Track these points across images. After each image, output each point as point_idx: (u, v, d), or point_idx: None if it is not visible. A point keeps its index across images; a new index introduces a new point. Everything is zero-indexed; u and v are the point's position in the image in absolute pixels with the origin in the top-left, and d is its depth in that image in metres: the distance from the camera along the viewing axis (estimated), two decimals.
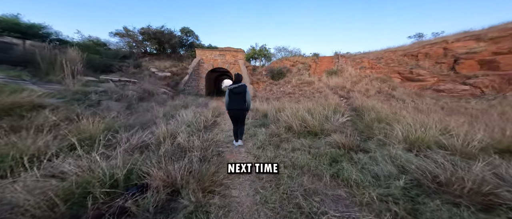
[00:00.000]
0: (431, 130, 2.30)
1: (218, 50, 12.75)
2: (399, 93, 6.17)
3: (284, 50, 18.63)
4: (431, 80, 6.69)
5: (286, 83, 10.33)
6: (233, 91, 2.77)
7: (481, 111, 3.63)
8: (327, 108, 4.56)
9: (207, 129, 4.19)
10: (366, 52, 12.85)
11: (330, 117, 3.84)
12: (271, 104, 6.06)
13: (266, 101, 7.57)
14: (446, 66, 6.92)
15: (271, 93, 9.18)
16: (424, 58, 7.77)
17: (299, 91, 8.50)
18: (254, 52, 17.76)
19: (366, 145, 2.44)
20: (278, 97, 8.12)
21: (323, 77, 10.38)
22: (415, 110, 4.18)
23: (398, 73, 8.07)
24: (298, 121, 3.53)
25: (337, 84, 8.26)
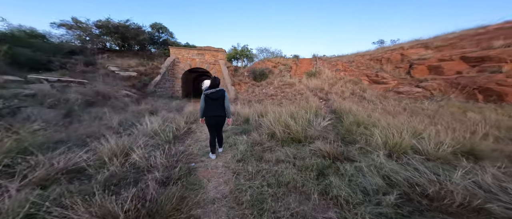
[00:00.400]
0: (403, 133, 2.36)
1: (196, 49, 11.82)
2: (369, 95, 6.72)
3: (266, 51, 18.75)
4: (393, 82, 7.58)
5: (269, 85, 10.23)
6: (210, 96, 2.46)
7: (435, 112, 4.17)
8: (309, 111, 4.51)
9: (179, 139, 3.56)
10: (340, 56, 13.93)
11: (312, 121, 3.76)
12: (253, 108, 5.74)
13: (248, 104, 7.23)
14: (403, 70, 7.98)
15: (253, 95, 8.90)
16: (386, 63, 8.82)
17: (281, 93, 8.46)
18: (236, 52, 17.29)
19: (350, 153, 2.35)
20: (261, 99, 7.88)
21: (303, 79, 10.69)
22: (384, 112, 4.51)
23: (366, 76, 8.91)
24: (281, 127, 3.31)
25: (316, 86, 8.56)
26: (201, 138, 3.78)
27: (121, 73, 7.97)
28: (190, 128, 4.35)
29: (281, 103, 6.94)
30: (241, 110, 5.40)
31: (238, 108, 5.92)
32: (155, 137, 3.25)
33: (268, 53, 18.44)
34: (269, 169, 2.20)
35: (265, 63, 13.89)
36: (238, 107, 6.03)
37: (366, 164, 1.88)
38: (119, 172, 2.08)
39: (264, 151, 2.88)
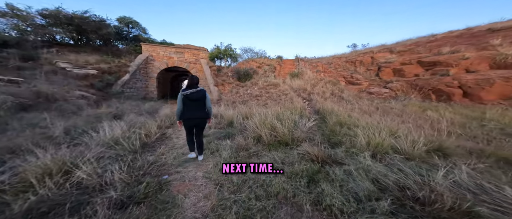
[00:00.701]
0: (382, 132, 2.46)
1: (174, 47, 10.87)
2: (346, 95, 7.20)
3: (250, 51, 18.63)
4: (365, 84, 8.35)
5: (253, 85, 10.06)
6: (190, 97, 2.23)
7: (401, 111, 4.67)
8: (294, 112, 4.48)
9: (148, 148, 3.02)
10: (320, 57, 14.79)
11: (297, 122, 3.70)
12: (238, 109, 5.45)
13: (232, 105, 6.89)
14: (373, 72, 8.90)
15: (238, 96, 8.59)
16: (359, 65, 9.72)
17: (266, 93, 8.38)
18: (219, 51, 16.65)
19: (337, 155, 2.33)
20: (245, 100, 7.63)
21: (287, 79, 10.90)
22: (361, 111, 4.82)
23: (343, 77, 9.62)
24: (268, 130, 3.13)
25: (300, 87, 8.79)
26: (178, 145, 3.31)
27: (75, 70, 6.63)
28: (165, 133, 3.79)
29: (266, 104, 6.83)
30: (225, 112, 5.05)
31: (222, 109, 5.54)
32: (116, 147, 2.66)
33: (252, 53, 18.37)
34: (256, 178, 1.96)
35: (249, 63, 13.73)
36: (222, 109, 5.65)
37: (354, 167, 1.85)
38: (54, 196, 1.55)
39: (250, 156, 2.64)
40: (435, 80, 6.08)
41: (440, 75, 6.26)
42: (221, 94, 9.72)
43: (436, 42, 8.08)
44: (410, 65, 7.55)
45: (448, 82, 5.77)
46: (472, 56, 5.76)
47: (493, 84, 4.89)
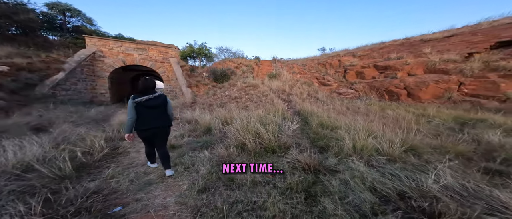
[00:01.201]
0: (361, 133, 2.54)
1: (134, 43, 9.20)
2: (321, 96, 7.72)
3: (227, 51, 17.96)
4: (335, 85, 9.28)
5: (232, 86, 9.56)
6: (146, 104, 1.87)
7: (367, 110, 5.27)
8: (276, 114, 4.32)
9: (91, 170, 2.18)
10: (295, 59, 15.68)
11: (281, 125, 3.54)
12: (215, 113, 4.89)
13: (209, 109, 6.22)
14: (340, 74, 10.03)
15: (215, 98, 7.91)
16: (330, 67, 10.79)
17: (245, 95, 8.05)
18: (192, 50, 15.25)
19: (328, 160, 2.22)
20: (223, 103, 7.07)
21: (265, 80, 10.93)
22: (335, 111, 5.16)
23: (316, 79, 10.41)
24: (252, 137, 2.79)
25: (278, 88, 8.90)
26: (138, 161, 2.56)
27: None
28: (117, 148, 2.88)
29: (247, 106, 6.50)
30: (201, 117, 4.41)
31: (197, 114, 4.85)
32: (27, 175, 1.76)
33: (229, 53, 17.77)
34: (245, 198, 1.59)
35: (226, 63, 13.13)
36: (197, 113, 4.95)
37: (350, 175, 1.75)
38: None
39: None
40: (387, 82, 7.32)
41: (391, 77, 7.59)
42: (196, 96, 8.78)
43: (386, 48, 9.88)
44: (369, 68, 8.89)
45: (396, 84, 7.04)
46: (411, 62, 7.29)
47: (427, 85, 6.24)
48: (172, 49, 10.11)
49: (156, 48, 9.52)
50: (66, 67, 6.64)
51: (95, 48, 7.84)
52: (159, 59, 9.59)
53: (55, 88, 6.12)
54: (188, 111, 5.63)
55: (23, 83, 5.19)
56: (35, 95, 5.14)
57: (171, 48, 10.13)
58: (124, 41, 8.65)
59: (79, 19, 9.21)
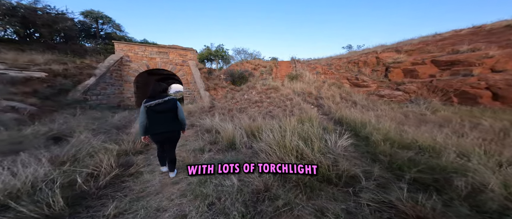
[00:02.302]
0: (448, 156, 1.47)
1: (156, 47, 9.35)
2: (359, 99, 6.42)
3: (243, 52, 17.60)
4: (373, 86, 7.78)
5: (250, 89, 8.92)
6: (156, 109, 1.83)
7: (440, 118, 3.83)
8: (312, 124, 3.41)
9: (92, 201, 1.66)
10: (317, 58, 14.32)
11: (323, 138, 2.62)
12: (237, 120, 4.22)
13: (229, 114, 5.63)
14: (380, 73, 8.44)
15: (234, 102, 7.34)
16: (364, 66, 9.24)
17: (267, 98, 7.27)
18: (209, 52, 15.27)
19: (436, 207, 1.23)
20: (243, 108, 6.41)
21: (285, 82, 10.05)
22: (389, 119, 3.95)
23: (346, 79, 9.01)
24: (293, 157, 1.97)
25: (303, 90, 7.88)
26: (150, 188, 2.00)
27: (11, 73, 4.81)
28: (130, 165, 2.38)
29: (270, 112, 5.71)
30: (221, 125, 3.77)
31: (216, 122, 4.25)
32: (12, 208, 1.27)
33: (246, 54, 17.37)
34: None
35: (244, 65, 12.65)
36: (216, 121, 4.35)
37: None
38: None
39: (279, 212, 1.45)
40: (457, 81, 5.57)
41: (462, 75, 5.80)
42: (214, 100, 8.38)
43: (447, 40, 7.88)
44: (423, 65, 7.15)
45: (473, 83, 5.27)
46: (496, 54, 5.41)
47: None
48: (191, 52, 10.06)
49: (176, 51, 9.56)
50: (96, 72, 6.93)
51: (123, 53, 8.15)
52: (179, 62, 9.60)
53: (87, 93, 6.37)
54: (207, 118, 5.10)
55: (58, 89, 5.43)
56: (67, 100, 5.32)
57: (190, 51, 10.09)
58: (148, 45, 8.87)
59: (110, 26, 9.91)
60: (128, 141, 3.07)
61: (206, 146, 3.19)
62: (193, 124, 5.01)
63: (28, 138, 2.59)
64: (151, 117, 1.85)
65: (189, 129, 4.70)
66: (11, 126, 3.04)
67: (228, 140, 3.14)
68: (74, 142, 2.73)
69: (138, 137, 3.27)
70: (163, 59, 9.17)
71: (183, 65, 9.74)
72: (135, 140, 3.16)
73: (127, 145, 2.92)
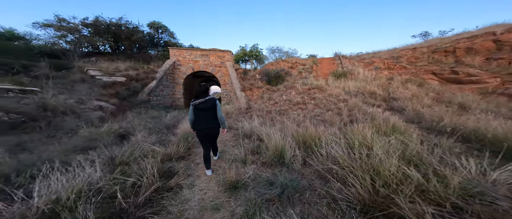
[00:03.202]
0: None
1: (199, 50, 10.11)
2: (468, 101, 4.11)
3: (278, 51, 16.71)
4: (492, 81, 4.92)
5: (289, 89, 8.00)
6: (199, 107, 2.06)
7: None
8: (407, 137, 2.16)
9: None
10: (372, 52, 11.39)
11: (447, 163, 1.43)
12: (280, 125, 3.50)
13: (268, 117, 5.01)
14: (505, 62, 5.28)
15: (272, 104, 6.68)
16: (466, 54, 6.16)
17: (310, 99, 6.15)
18: (244, 53, 15.43)
19: None
20: (284, 110, 5.62)
21: (329, 81, 8.40)
22: None
23: (432, 74, 6.29)
24: (400, 193, 1.06)
25: (359, 89, 6.13)
26: (188, 212, 1.61)
27: (104, 78, 6.31)
28: (172, 174, 2.19)
29: (318, 116, 4.61)
30: (264, 130, 3.17)
31: (256, 125, 3.71)
32: None
33: (281, 53, 16.40)
34: None
35: (279, 64, 11.79)
36: (256, 124, 3.81)
37: None
38: None
39: None
40: None
41: None
42: (249, 100, 8.08)
43: None
44: None
45: None
46: None
47: None
48: (228, 54, 10.28)
49: (215, 53, 10.01)
50: (157, 76, 8.20)
51: (175, 58, 9.32)
52: (218, 64, 10.00)
53: (150, 94, 7.63)
54: (245, 120, 4.68)
55: (132, 91, 6.72)
56: (136, 101, 6.47)
57: (227, 52, 10.33)
58: (193, 49, 9.76)
59: (166, 35, 11.75)
60: (173, 143, 3.03)
61: (247, 156, 2.67)
62: (231, 127, 4.76)
63: (102, 136, 2.99)
64: (196, 115, 2.08)
65: (227, 132, 4.50)
66: (95, 123, 3.71)
67: (275, 152, 2.48)
68: (132, 141, 2.93)
69: (182, 140, 3.26)
70: (205, 62, 9.82)
71: (221, 67, 10.09)
72: (179, 142, 3.11)
73: (172, 149, 2.85)
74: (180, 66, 9.47)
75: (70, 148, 2.43)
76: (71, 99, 4.15)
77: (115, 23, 8.77)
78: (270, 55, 16.89)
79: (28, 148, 2.24)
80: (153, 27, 11.20)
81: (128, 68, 7.42)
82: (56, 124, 3.10)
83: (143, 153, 2.55)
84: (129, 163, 2.26)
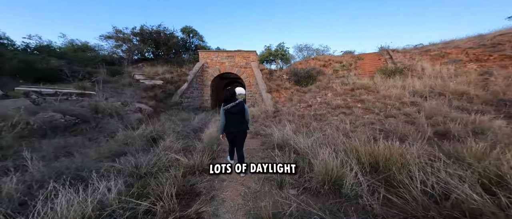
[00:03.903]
0: None
1: (225, 52, 10.17)
2: None
3: (307, 49, 15.28)
4: None
5: (323, 90, 6.86)
6: (231, 111, 2.14)
7: None
8: None
9: None
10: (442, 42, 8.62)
11: None
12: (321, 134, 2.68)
13: (301, 122, 4.21)
14: None
15: (304, 106, 5.79)
16: None
17: (356, 102, 4.93)
18: (270, 52, 14.81)
19: None
20: (321, 115, 4.67)
21: (377, 79, 6.76)
22: None
23: None
24: None
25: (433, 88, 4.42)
26: None
27: (146, 82, 7.02)
28: (195, 192, 1.80)
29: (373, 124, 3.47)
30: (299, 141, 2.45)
31: (288, 133, 3.00)
32: None
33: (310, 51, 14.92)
34: None
35: (309, 63, 10.58)
36: (288, 132, 3.09)
37: None
38: None
39: None
40: None
41: None
42: (276, 103, 7.38)
43: None
44: None
45: None
46: None
47: None
48: (253, 54, 9.92)
49: (240, 54, 9.83)
50: (188, 78, 8.67)
51: (204, 60, 9.68)
52: (243, 65, 9.78)
53: (182, 96, 8.10)
54: (274, 126, 4.04)
55: (167, 93, 7.27)
56: (170, 103, 6.91)
57: (252, 53, 9.98)
58: (219, 51, 9.91)
59: (196, 38, 12.54)
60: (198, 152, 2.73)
61: (284, 176, 2.04)
62: (258, 133, 4.23)
63: (135, 139, 3.02)
64: (227, 118, 2.11)
65: (253, 138, 4.03)
66: (134, 125, 3.89)
67: (325, 175, 1.73)
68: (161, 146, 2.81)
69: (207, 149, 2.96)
70: (230, 63, 9.79)
71: (246, 68, 9.82)
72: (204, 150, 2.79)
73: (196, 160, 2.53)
74: (208, 68, 9.75)
75: (105, 152, 2.46)
76: (118, 101, 4.60)
77: (155, 30, 9.88)
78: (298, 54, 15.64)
79: (71, 151, 2.37)
80: (185, 32, 12.10)
81: (164, 72, 8.11)
82: (102, 126, 3.37)
83: (168, 162, 2.32)
84: (154, 173, 2.03)
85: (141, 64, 9.39)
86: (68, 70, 5.21)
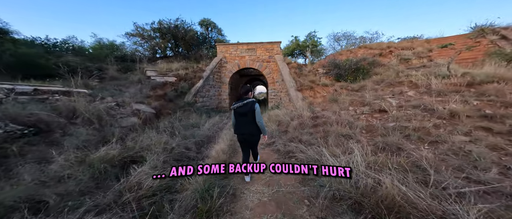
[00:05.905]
0: None
1: (245, 44, 8.67)
2: None
3: (346, 38, 12.27)
4: None
5: (391, 86, 4.47)
6: (238, 111, 1.98)
7: None
8: None
9: None
10: None
11: None
12: None
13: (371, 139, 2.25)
14: None
15: (369, 112, 3.61)
16: None
17: (497, 107, 2.46)
18: (297, 44, 12.47)
19: None
20: (416, 129, 2.48)
21: (487, 69, 3.87)
22: None
23: None
24: None
25: None
26: None
27: (158, 78, 6.24)
28: None
29: None
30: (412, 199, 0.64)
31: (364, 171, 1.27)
32: None
33: (351, 39, 11.88)
34: None
35: (356, 53, 7.98)
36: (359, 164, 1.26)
37: None
38: None
39: None
40: None
41: None
42: (311, 104, 5.38)
43: None
44: None
45: None
46: None
47: None
48: (277, 45, 8.13)
49: (263, 46, 8.19)
50: (204, 75, 7.64)
51: (222, 55, 8.49)
52: (265, 59, 8.13)
53: (196, 95, 7.12)
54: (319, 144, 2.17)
55: (179, 92, 6.34)
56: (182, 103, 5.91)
57: (276, 44, 8.18)
58: (239, 44, 8.51)
59: (215, 32, 11.56)
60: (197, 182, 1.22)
61: None
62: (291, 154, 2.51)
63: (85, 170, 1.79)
64: (236, 119, 1.98)
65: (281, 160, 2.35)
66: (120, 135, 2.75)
67: None
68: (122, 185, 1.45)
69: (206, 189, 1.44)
70: (251, 57, 8.26)
71: (269, 62, 8.12)
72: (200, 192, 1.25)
73: None
74: (226, 64, 8.48)
75: (7, 200, 1.23)
76: (114, 102, 3.66)
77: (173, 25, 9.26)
78: (334, 44, 12.70)
79: None
80: (203, 25, 11.23)
81: (179, 68, 7.26)
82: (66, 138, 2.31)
83: None
84: None
85: (159, 61, 8.94)
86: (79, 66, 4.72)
